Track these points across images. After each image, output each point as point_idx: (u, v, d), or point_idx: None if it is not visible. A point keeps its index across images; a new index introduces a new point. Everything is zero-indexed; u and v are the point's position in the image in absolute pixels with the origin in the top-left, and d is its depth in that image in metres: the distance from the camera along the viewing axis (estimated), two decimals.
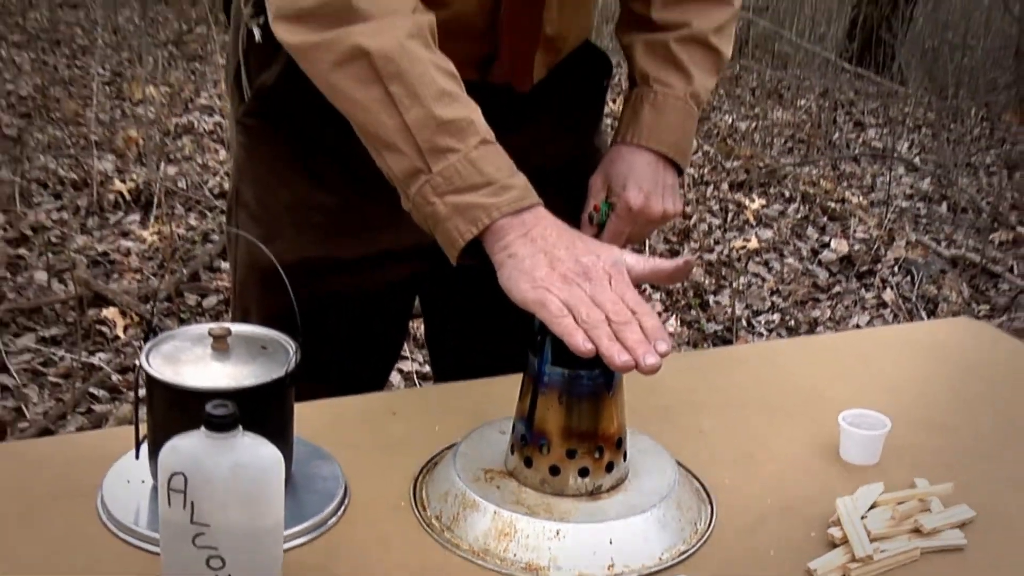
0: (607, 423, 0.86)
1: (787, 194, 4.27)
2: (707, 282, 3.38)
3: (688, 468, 0.94)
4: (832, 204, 4.16)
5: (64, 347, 2.59)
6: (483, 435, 0.94)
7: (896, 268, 3.61)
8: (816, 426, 1.03)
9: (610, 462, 0.86)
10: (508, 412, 0.90)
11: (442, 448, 0.94)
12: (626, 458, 0.89)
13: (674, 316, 3.12)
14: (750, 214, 3.97)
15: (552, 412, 0.85)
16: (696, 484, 0.93)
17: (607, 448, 0.86)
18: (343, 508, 0.86)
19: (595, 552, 0.81)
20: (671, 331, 3.03)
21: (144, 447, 0.84)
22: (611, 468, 0.87)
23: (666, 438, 0.96)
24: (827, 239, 3.84)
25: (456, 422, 0.97)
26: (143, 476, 0.85)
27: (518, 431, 0.88)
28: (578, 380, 0.84)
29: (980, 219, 4.13)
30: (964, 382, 1.20)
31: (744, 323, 3.17)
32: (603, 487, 0.86)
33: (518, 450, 0.87)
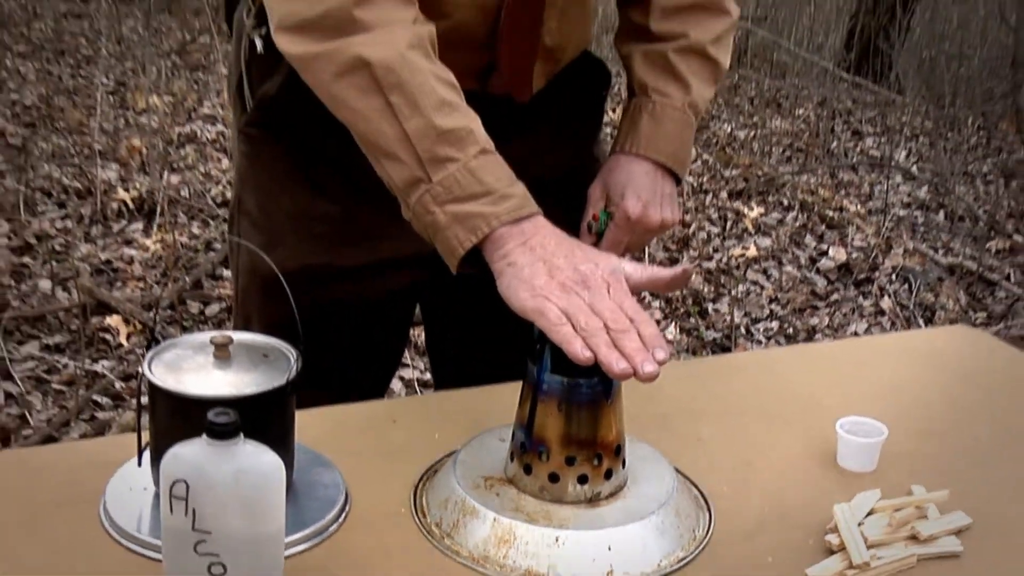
0: (606, 430, 0.86)
1: (785, 202, 4.28)
2: (706, 290, 3.38)
3: (687, 475, 0.95)
4: (830, 212, 4.17)
5: (68, 355, 2.59)
6: (483, 442, 0.94)
7: (894, 276, 3.62)
8: (814, 433, 1.04)
9: (609, 469, 0.87)
10: (508, 420, 0.90)
11: (442, 455, 0.95)
12: (625, 465, 0.89)
13: (673, 324, 3.12)
14: (749, 222, 3.98)
15: (551, 420, 0.85)
16: (694, 491, 0.93)
17: (606, 455, 0.86)
18: (344, 515, 0.87)
19: (594, 559, 0.82)
20: (670, 338, 3.03)
21: (146, 454, 0.85)
22: (610, 475, 0.87)
23: (665, 445, 0.96)
24: (825, 247, 3.85)
25: (456, 430, 0.97)
26: (145, 483, 0.86)
27: (517, 438, 0.88)
28: (577, 388, 0.85)
29: (977, 227, 4.14)
30: (960, 389, 1.21)
31: (743, 331, 3.18)
32: (602, 494, 0.87)
33: (517, 457, 0.88)
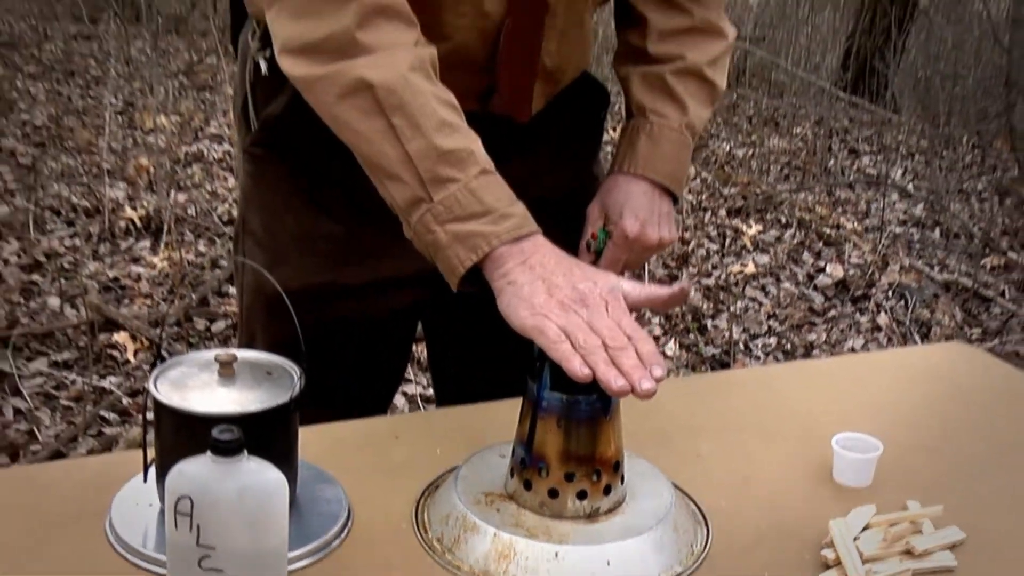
0: (604, 447, 0.87)
1: (783, 220, 4.30)
2: (705, 306, 3.40)
3: (685, 491, 0.95)
4: (827, 230, 4.19)
5: (76, 371, 2.60)
6: (483, 459, 0.95)
7: (890, 292, 3.63)
8: (810, 449, 1.05)
9: (608, 485, 0.88)
10: (508, 436, 0.91)
11: (443, 471, 0.95)
12: (623, 481, 0.90)
13: (673, 339, 3.13)
14: (747, 239, 3.99)
15: (551, 436, 0.86)
16: (692, 506, 0.94)
17: (605, 471, 0.87)
18: (346, 530, 0.87)
19: (593, 573, 0.82)
20: (670, 354, 3.04)
21: (152, 471, 0.86)
22: (609, 491, 0.88)
23: (663, 461, 0.97)
24: (823, 264, 3.87)
25: (457, 446, 0.98)
26: (151, 499, 0.86)
27: (517, 455, 0.89)
28: (576, 405, 0.86)
29: (972, 244, 4.15)
30: (955, 406, 1.22)
31: (742, 346, 3.19)
32: (601, 509, 0.88)
33: (517, 473, 0.89)
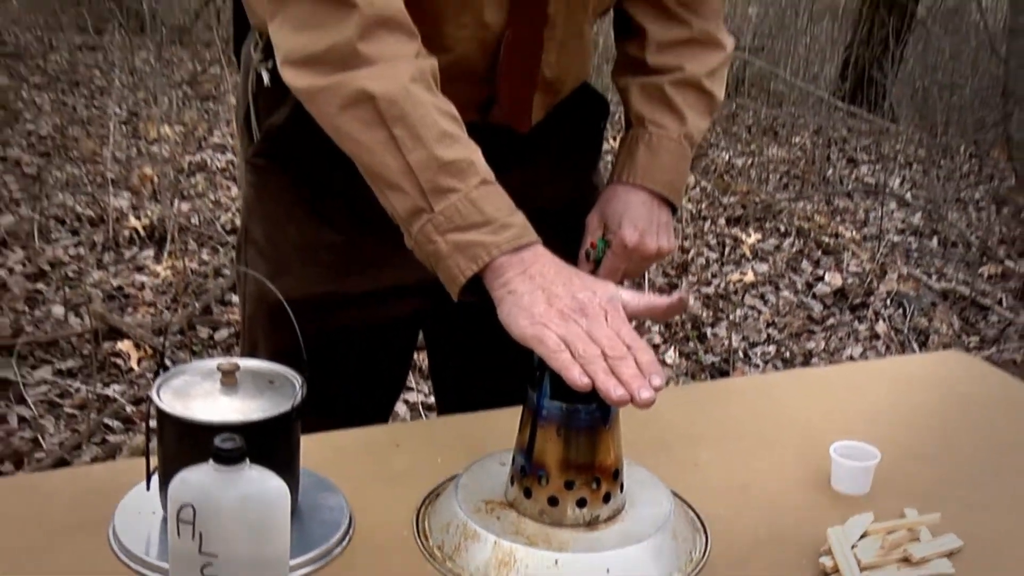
0: (604, 455, 0.87)
1: (782, 229, 4.31)
2: (705, 315, 3.40)
3: (684, 498, 0.96)
4: (826, 238, 4.20)
5: (80, 379, 2.61)
6: (484, 467, 0.95)
7: (888, 301, 3.64)
8: (808, 457, 1.05)
9: (607, 493, 0.88)
10: (508, 444, 0.91)
11: (444, 479, 0.96)
12: (623, 489, 0.90)
13: (672, 348, 3.14)
14: (746, 248, 4.00)
15: (551, 444, 0.87)
16: (691, 514, 0.94)
17: (604, 479, 0.88)
18: (348, 538, 0.87)
19: None
20: (669, 362, 3.05)
21: (155, 479, 0.86)
22: (608, 499, 0.88)
23: (662, 469, 0.97)
24: (821, 272, 3.88)
25: (458, 454, 0.98)
26: (154, 507, 0.87)
27: (518, 463, 0.89)
28: (576, 413, 0.86)
29: (970, 253, 4.16)
30: (953, 414, 1.22)
31: (741, 355, 3.19)
32: (600, 517, 0.88)
33: (518, 481, 0.89)
